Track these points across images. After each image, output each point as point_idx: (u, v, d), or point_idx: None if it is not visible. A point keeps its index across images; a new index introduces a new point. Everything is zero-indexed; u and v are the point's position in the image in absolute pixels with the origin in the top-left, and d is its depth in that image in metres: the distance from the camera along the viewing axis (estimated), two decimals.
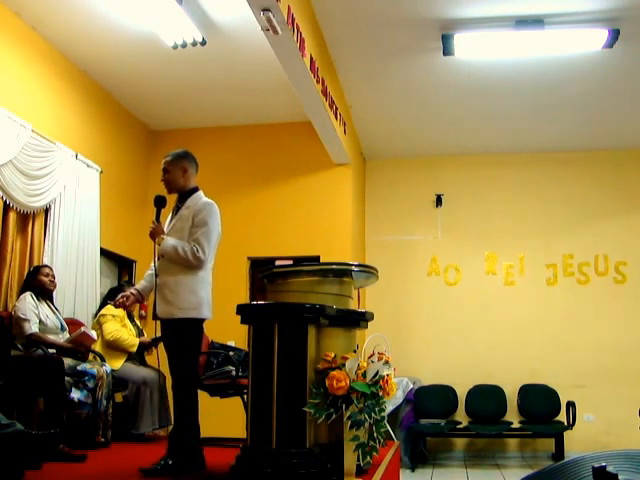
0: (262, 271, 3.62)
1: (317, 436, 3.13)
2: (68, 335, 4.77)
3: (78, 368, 4.52)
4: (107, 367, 4.73)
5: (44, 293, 4.76)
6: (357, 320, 3.52)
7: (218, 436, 4.96)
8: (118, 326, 5.31)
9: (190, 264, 3.52)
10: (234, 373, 4.69)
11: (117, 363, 5.12)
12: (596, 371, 7.31)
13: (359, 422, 3.07)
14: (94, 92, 6.26)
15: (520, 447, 7.38)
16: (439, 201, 7.89)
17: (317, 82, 5.05)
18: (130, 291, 3.76)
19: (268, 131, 7.26)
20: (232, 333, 6.08)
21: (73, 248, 5.56)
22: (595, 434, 7.17)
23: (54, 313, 4.79)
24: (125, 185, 6.75)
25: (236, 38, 5.37)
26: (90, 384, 4.47)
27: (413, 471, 6.57)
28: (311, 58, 4.84)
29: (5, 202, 4.84)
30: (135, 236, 6.69)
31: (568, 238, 7.65)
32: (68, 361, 4.44)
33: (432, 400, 7.29)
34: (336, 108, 5.91)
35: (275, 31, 4.14)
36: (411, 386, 6.99)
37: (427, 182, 7.96)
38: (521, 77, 5.97)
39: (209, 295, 3.63)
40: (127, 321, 5.43)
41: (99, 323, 5.35)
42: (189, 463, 3.45)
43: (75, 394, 4.39)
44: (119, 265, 6.84)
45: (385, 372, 3.25)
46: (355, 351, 3.34)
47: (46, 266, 4.95)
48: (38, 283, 4.74)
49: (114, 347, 5.23)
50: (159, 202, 3.69)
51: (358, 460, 3.16)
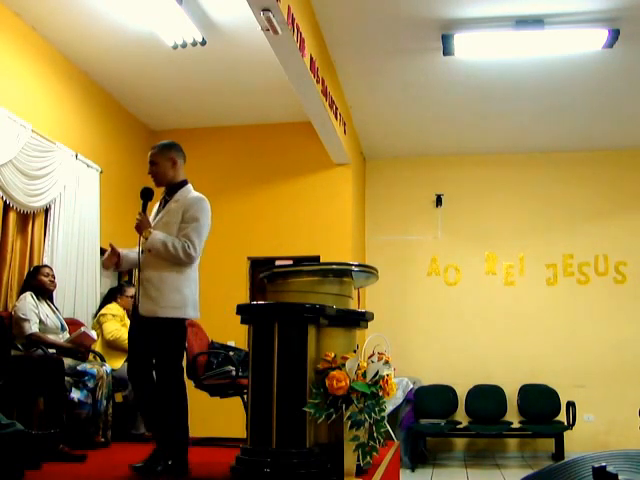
0: (262, 271, 3.60)
1: (317, 436, 3.13)
2: (68, 335, 4.76)
3: (78, 368, 4.52)
4: (107, 367, 4.72)
5: (44, 293, 4.76)
6: (357, 320, 3.53)
7: (218, 436, 4.97)
8: (118, 326, 5.31)
9: (180, 261, 3.40)
10: (234, 373, 4.69)
11: (117, 363, 5.12)
12: (596, 371, 7.31)
13: (359, 422, 3.07)
14: (94, 92, 6.26)
15: (520, 447, 7.38)
16: (439, 201, 7.89)
17: (317, 82, 5.04)
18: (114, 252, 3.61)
19: (268, 131, 7.25)
20: (232, 333, 6.08)
21: (73, 248, 5.55)
22: (595, 434, 7.17)
23: (54, 313, 4.79)
24: (125, 185, 6.73)
25: (236, 38, 5.37)
26: (90, 384, 4.47)
27: (413, 471, 6.57)
28: (311, 58, 4.84)
29: (5, 202, 4.84)
30: (135, 236, 6.64)
31: (568, 238, 7.64)
32: (68, 361, 4.44)
33: (432, 400, 7.29)
34: (336, 108, 5.91)
35: (275, 31, 4.14)
36: (411, 386, 6.99)
37: (427, 182, 7.96)
38: (521, 77, 5.96)
39: (195, 294, 3.50)
40: (127, 320, 5.42)
41: (99, 323, 5.35)
42: (173, 466, 3.32)
43: (75, 394, 4.38)
44: None
45: (385, 372, 3.25)
46: (355, 351, 3.34)
47: (46, 266, 4.94)
48: (38, 283, 4.73)
49: (114, 347, 5.23)
50: (146, 194, 3.57)
51: (358, 460, 3.16)
